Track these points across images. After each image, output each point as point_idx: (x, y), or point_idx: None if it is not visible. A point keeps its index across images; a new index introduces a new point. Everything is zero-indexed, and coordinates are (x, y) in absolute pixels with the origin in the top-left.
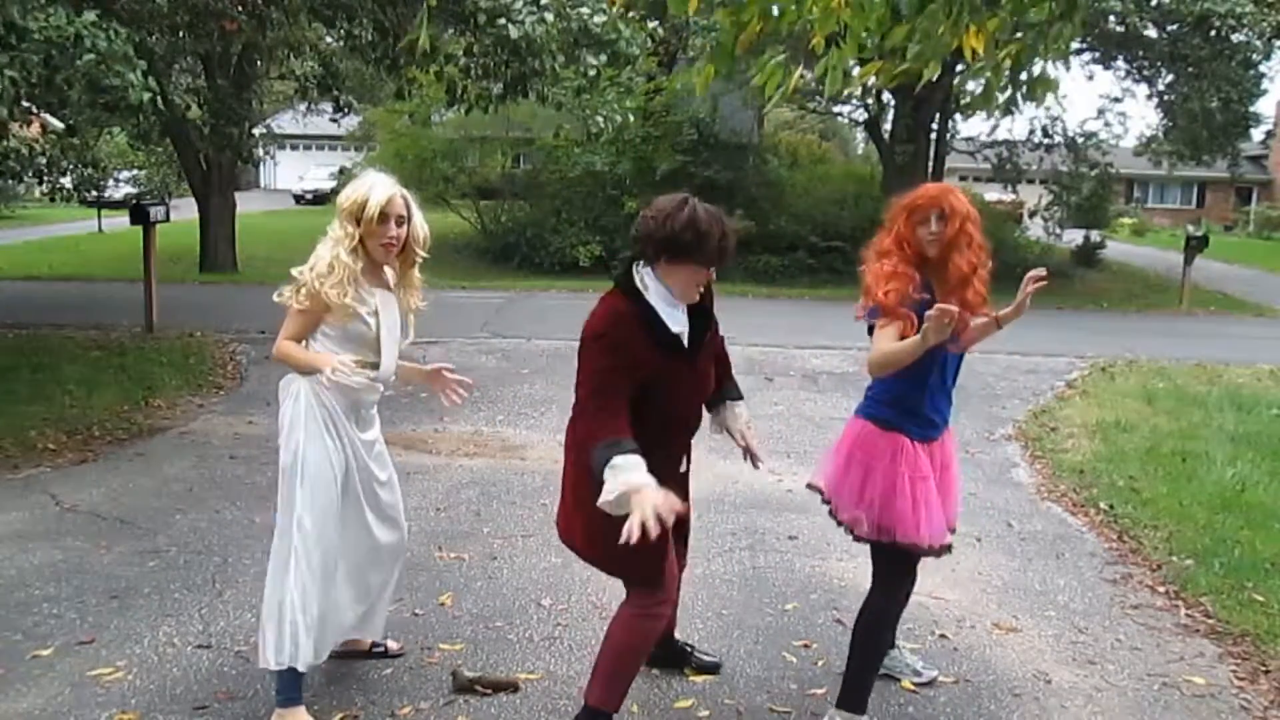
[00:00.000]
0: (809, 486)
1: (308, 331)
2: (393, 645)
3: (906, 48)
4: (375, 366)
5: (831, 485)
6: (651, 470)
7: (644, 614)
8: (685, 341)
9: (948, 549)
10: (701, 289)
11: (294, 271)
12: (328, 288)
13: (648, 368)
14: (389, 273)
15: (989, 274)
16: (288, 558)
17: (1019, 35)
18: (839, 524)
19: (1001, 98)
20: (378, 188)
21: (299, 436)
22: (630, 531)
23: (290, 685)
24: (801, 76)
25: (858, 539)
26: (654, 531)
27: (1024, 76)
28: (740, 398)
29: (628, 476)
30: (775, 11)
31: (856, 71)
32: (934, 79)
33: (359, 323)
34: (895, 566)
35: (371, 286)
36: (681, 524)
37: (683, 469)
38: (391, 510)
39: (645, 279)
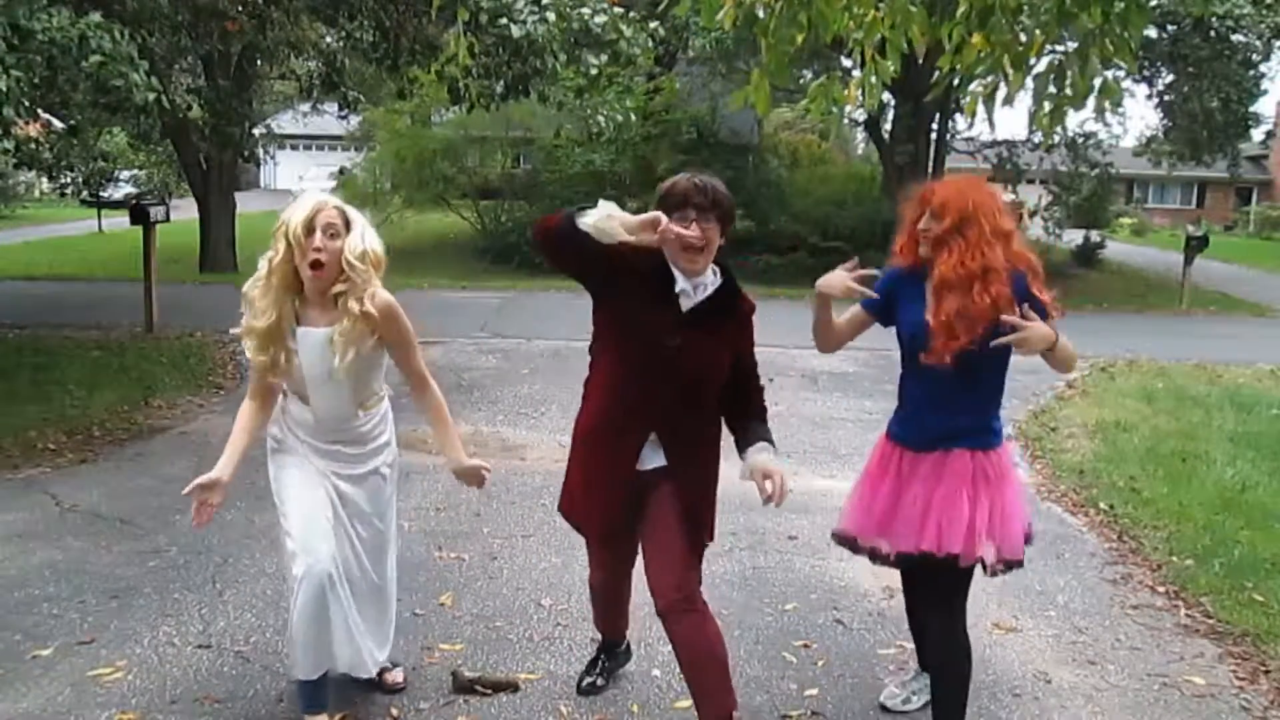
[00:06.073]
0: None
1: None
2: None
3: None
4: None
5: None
6: (604, 454)
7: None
8: (683, 306)
9: (893, 561)
10: (700, 246)
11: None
12: (250, 349)
13: (634, 275)
14: (349, 303)
15: (1000, 281)
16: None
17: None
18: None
19: (1079, 101)
20: (302, 199)
21: (271, 469)
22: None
23: (306, 694)
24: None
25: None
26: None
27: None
28: (763, 439)
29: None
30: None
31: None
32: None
33: (283, 369)
34: (938, 584)
35: (310, 314)
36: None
37: (642, 465)
38: (375, 550)
39: None
